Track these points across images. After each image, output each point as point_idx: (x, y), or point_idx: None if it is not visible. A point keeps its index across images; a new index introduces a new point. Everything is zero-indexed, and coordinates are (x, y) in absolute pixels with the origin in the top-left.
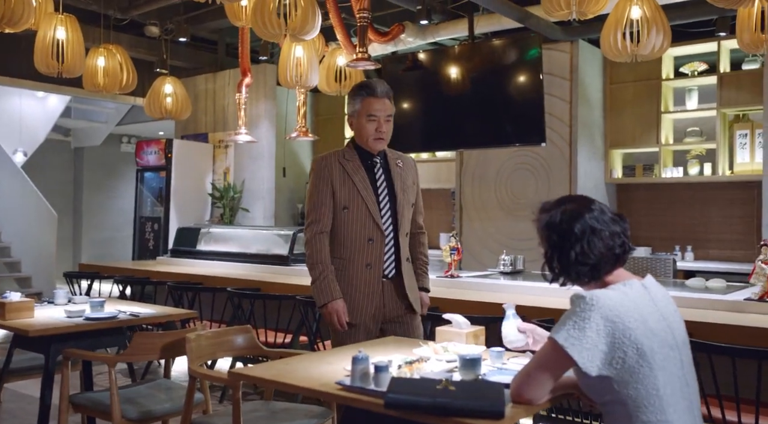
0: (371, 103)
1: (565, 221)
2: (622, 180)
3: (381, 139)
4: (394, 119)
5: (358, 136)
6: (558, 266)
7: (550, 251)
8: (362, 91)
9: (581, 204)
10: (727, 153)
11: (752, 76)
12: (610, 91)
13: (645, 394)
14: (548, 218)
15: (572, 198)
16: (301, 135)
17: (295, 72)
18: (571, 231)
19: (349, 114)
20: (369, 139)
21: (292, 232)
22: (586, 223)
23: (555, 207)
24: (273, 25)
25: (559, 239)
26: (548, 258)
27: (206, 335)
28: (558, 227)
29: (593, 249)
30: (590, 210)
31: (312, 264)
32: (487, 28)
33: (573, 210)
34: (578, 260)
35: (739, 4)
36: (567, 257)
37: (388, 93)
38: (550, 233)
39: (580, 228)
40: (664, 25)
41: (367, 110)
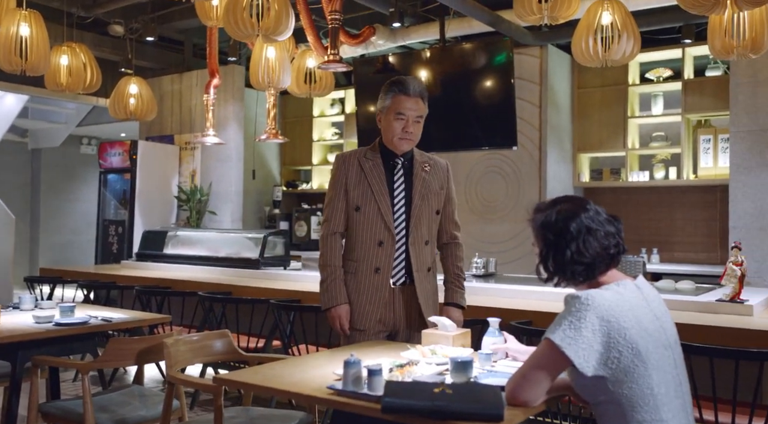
0: (402, 101)
1: (560, 220)
2: (589, 184)
3: (407, 140)
4: (368, 121)
5: (385, 134)
6: (553, 265)
7: (545, 250)
8: (394, 87)
9: (577, 204)
10: (691, 157)
11: (715, 82)
12: (578, 96)
13: (640, 393)
14: (544, 218)
15: (567, 198)
16: (271, 137)
17: (266, 73)
18: (567, 230)
19: (378, 109)
20: (394, 138)
21: (262, 235)
22: (582, 222)
23: (550, 207)
24: (246, 26)
25: (555, 238)
26: (543, 257)
27: (184, 340)
28: (554, 226)
29: (589, 248)
30: (586, 210)
31: (322, 265)
32: (458, 32)
33: (568, 210)
34: (574, 259)
35: (711, 11)
36: (563, 256)
37: (422, 93)
38: (546, 232)
39: (576, 227)
40: (634, 31)
41: (396, 108)
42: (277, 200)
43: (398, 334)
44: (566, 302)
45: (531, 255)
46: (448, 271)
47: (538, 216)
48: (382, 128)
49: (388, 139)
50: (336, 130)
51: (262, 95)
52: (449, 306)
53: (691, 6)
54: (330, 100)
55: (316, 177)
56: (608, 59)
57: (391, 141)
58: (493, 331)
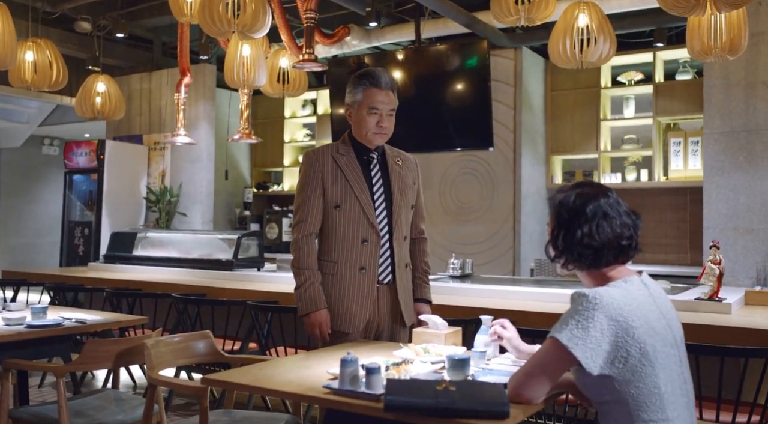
0: (374, 94)
1: (578, 200)
2: (562, 186)
3: (381, 134)
4: (343, 122)
5: (356, 128)
6: (562, 244)
7: (557, 229)
8: (365, 80)
9: (598, 190)
10: (662, 160)
11: (685, 86)
12: (551, 98)
13: (646, 393)
14: (562, 197)
15: (590, 183)
16: (245, 137)
17: (241, 71)
18: (582, 210)
19: (348, 104)
20: (368, 133)
21: (236, 236)
22: (599, 206)
23: (571, 189)
24: (222, 22)
25: (569, 217)
26: (554, 235)
27: (165, 341)
28: (570, 205)
29: (600, 232)
30: (606, 196)
31: (298, 269)
32: (433, 33)
33: (589, 193)
34: (583, 241)
35: (690, 12)
36: (573, 236)
37: (392, 85)
38: (561, 210)
39: (593, 210)
40: (610, 34)
41: (369, 102)
42: (247, 202)
43: (382, 334)
44: (573, 300)
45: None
46: (417, 267)
47: (557, 195)
48: (354, 123)
49: (361, 134)
50: (308, 131)
51: (234, 95)
52: (420, 302)
53: (671, 7)
54: (301, 101)
55: (288, 179)
56: (584, 61)
57: (365, 136)
58: (486, 329)
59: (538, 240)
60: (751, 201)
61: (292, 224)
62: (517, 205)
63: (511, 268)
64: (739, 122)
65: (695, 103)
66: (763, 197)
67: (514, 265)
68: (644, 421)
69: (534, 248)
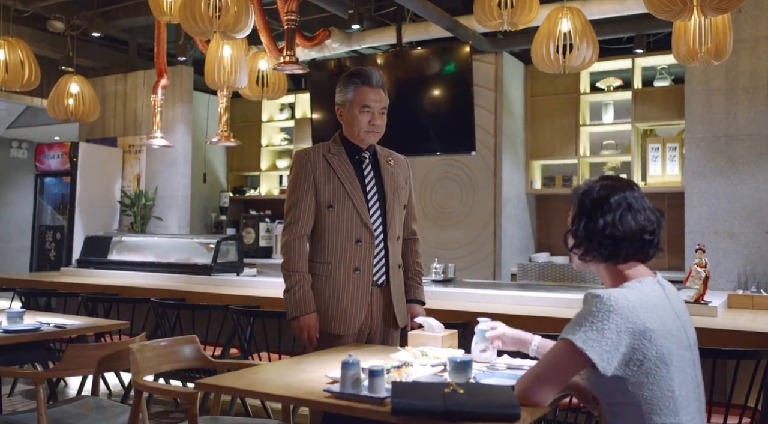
0: (366, 92)
1: (603, 191)
2: (541, 190)
3: (374, 133)
4: (324, 125)
5: (348, 128)
6: (583, 232)
7: (578, 217)
8: (356, 78)
9: (624, 183)
10: (640, 165)
11: (663, 92)
12: (531, 103)
13: (660, 395)
14: (586, 188)
15: (616, 177)
16: (223, 140)
17: (222, 72)
18: (606, 200)
19: (339, 104)
20: (360, 132)
21: (215, 240)
22: (624, 198)
23: (597, 181)
24: (204, 22)
25: (592, 206)
26: (575, 223)
27: (151, 346)
28: (595, 195)
29: (624, 223)
30: (632, 190)
31: (288, 271)
32: (414, 37)
33: (614, 185)
34: (605, 231)
35: (677, 17)
36: (595, 224)
37: (383, 83)
38: (585, 199)
39: (617, 200)
40: (593, 39)
41: (360, 100)
42: (224, 206)
43: (375, 336)
44: (586, 301)
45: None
46: (410, 268)
47: (582, 186)
48: (345, 122)
49: (353, 133)
50: (285, 135)
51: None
52: (413, 303)
53: (659, 11)
54: (279, 105)
55: (265, 183)
56: (567, 66)
57: (357, 135)
58: (484, 330)
59: (518, 245)
60: (732, 206)
61: (284, 225)
62: (497, 210)
63: (492, 272)
64: (720, 128)
65: (673, 109)
66: (743, 202)
67: (494, 269)
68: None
69: (514, 252)
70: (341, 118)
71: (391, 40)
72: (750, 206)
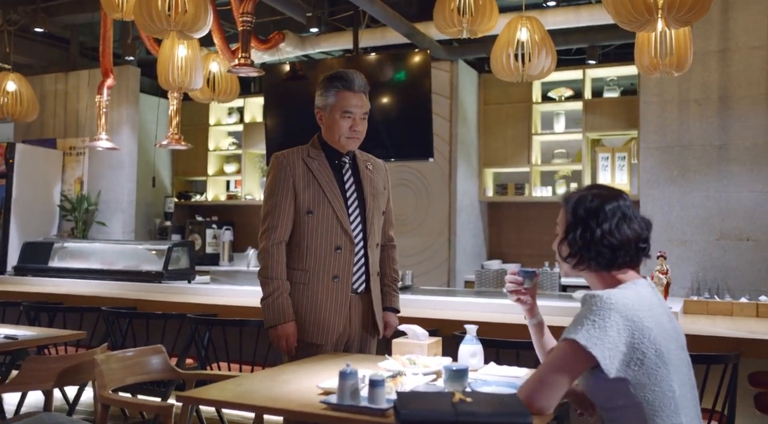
0: (348, 97)
1: (597, 200)
2: (494, 198)
3: (355, 139)
4: (278, 129)
5: (328, 132)
6: (580, 242)
7: (573, 226)
8: (337, 82)
9: (615, 192)
10: (590, 174)
11: (612, 103)
12: (484, 111)
13: (662, 397)
14: (579, 196)
15: (605, 186)
16: (174, 143)
17: (178, 73)
18: (602, 209)
19: (319, 107)
20: (341, 138)
21: (166, 247)
22: (618, 206)
23: (587, 190)
24: (161, 20)
25: (587, 215)
26: (570, 232)
27: (117, 357)
28: (588, 203)
29: (621, 232)
30: (624, 199)
31: (266, 279)
32: (369, 43)
33: (606, 194)
34: (603, 240)
35: (642, 28)
36: (592, 234)
37: (365, 88)
38: (578, 208)
39: (612, 209)
40: (551, 48)
41: (342, 106)
42: (169, 212)
43: (353, 345)
44: (585, 302)
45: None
46: (386, 275)
47: (573, 195)
48: (325, 126)
49: (334, 139)
50: (234, 140)
51: (157, 100)
52: (388, 311)
53: (626, 22)
54: (227, 109)
55: (212, 188)
56: (526, 75)
57: (338, 141)
58: (471, 338)
59: (471, 252)
60: (685, 214)
61: (261, 231)
62: (452, 217)
63: (446, 280)
64: (673, 138)
65: (622, 119)
66: (695, 210)
67: (448, 277)
68: None
69: (468, 259)
70: (321, 122)
71: (346, 45)
72: (701, 214)
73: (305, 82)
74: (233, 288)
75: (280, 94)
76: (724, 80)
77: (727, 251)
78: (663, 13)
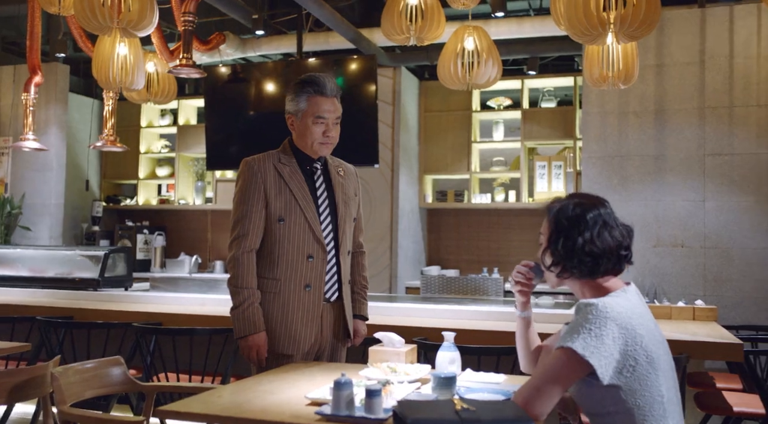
0: (320, 102)
1: (578, 209)
2: (433, 205)
3: (328, 144)
4: (219, 131)
5: (300, 138)
6: (563, 250)
7: (555, 235)
8: (309, 87)
9: (596, 200)
10: (527, 182)
11: (549, 113)
12: (425, 119)
13: (651, 401)
14: (560, 206)
15: (587, 195)
16: (109, 144)
17: (120, 72)
18: (583, 218)
19: (291, 112)
20: (314, 144)
21: (103, 253)
22: (599, 215)
23: (568, 198)
24: (104, 16)
25: (569, 224)
26: (552, 241)
27: (75, 369)
28: (570, 213)
29: (603, 240)
30: (605, 207)
31: (236, 288)
32: (312, 47)
33: (587, 203)
34: (585, 248)
35: (594, 41)
36: (574, 243)
37: (338, 92)
38: (560, 217)
39: (593, 218)
40: (497, 58)
41: (314, 111)
42: (96, 216)
43: (323, 353)
44: (579, 310)
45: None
46: (356, 282)
47: (555, 204)
48: (297, 132)
49: (306, 144)
50: (167, 142)
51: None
52: (357, 319)
53: (579, 35)
54: (160, 111)
55: (143, 192)
56: (472, 83)
57: (310, 146)
58: (449, 345)
59: (412, 258)
60: (625, 221)
61: (231, 239)
62: (394, 223)
63: (388, 286)
64: (613, 148)
65: (558, 129)
66: (634, 218)
67: (390, 283)
68: None
69: (409, 265)
70: (292, 127)
71: (287, 48)
72: (640, 222)
73: (246, 84)
74: (177, 296)
75: (221, 97)
76: (660, 94)
77: (663, 258)
78: (614, 28)
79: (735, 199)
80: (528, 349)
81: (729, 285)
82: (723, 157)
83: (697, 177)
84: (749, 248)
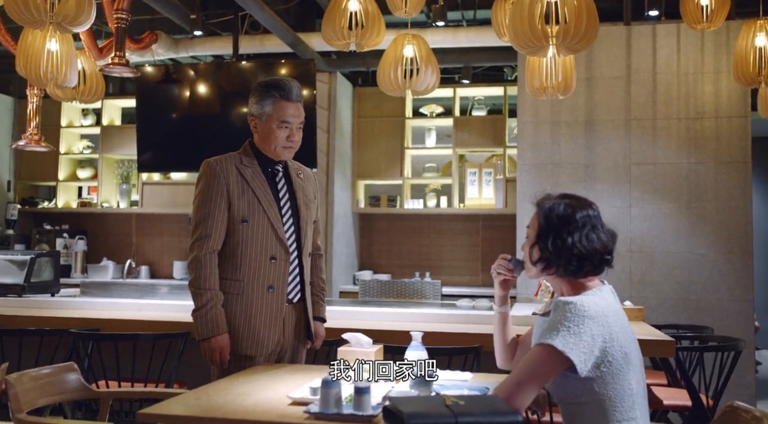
0: (285, 107)
1: (569, 209)
2: (366, 209)
3: (291, 149)
4: (152, 132)
5: (263, 141)
6: (552, 248)
7: (546, 233)
8: (274, 91)
9: (585, 202)
10: (459, 188)
11: (480, 121)
12: (359, 124)
13: (622, 393)
14: (551, 204)
15: (576, 196)
16: (33, 144)
17: (52, 68)
18: (573, 218)
19: (254, 115)
20: (277, 147)
21: (29, 257)
22: (588, 216)
23: (559, 198)
24: (39, 10)
25: (560, 223)
26: (542, 238)
27: (30, 376)
28: (561, 211)
29: (591, 241)
30: (593, 209)
31: (198, 289)
32: (247, 50)
33: (576, 204)
34: (572, 248)
35: (536, 53)
36: (563, 241)
37: (302, 97)
38: (551, 215)
39: (582, 219)
40: (435, 66)
41: (279, 115)
42: (11, 220)
43: (285, 355)
44: (558, 308)
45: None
46: (314, 284)
47: (546, 202)
48: (261, 135)
49: (269, 148)
50: (89, 143)
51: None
52: (316, 321)
53: (522, 46)
54: (81, 110)
55: (62, 194)
56: (411, 90)
57: (273, 150)
58: (417, 345)
59: (345, 263)
60: None
61: (192, 240)
62: (329, 228)
63: None
64: (546, 156)
65: (488, 137)
66: None
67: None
68: (618, 421)
69: (343, 270)
70: (255, 130)
71: (221, 50)
72: None
73: (179, 85)
74: (112, 301)
75: (153, 98)
76: (590, 105)
77: None
78: (557, 41)
79: (658, 206)
80: (505, 343)
81: (652, 287)
82: (647, 166)
83: (624, 185)
84: (671, 252)
